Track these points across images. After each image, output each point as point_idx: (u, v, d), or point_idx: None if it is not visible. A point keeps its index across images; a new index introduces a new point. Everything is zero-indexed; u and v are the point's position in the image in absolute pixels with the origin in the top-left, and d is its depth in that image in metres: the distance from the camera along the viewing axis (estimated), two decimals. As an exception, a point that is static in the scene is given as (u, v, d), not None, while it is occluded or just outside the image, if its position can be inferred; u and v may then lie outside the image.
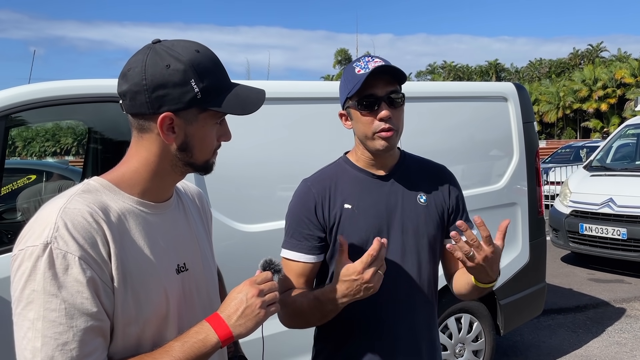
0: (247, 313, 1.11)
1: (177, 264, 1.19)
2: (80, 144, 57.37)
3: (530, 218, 4.00)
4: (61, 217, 1.01)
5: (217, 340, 1.09)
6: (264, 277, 1.18)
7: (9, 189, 4.52)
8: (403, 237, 1.57)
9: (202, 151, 1.16)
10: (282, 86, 3.14)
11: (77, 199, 1.06)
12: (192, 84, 1.08)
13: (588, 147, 14.69)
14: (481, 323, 3.78)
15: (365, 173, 1.61)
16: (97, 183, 1.13)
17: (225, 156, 2.80)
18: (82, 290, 0.98)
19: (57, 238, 0.98)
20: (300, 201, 1.61)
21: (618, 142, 8.39)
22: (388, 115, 1.49)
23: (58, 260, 0.97)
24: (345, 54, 67.93)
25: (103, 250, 1.03)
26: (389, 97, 1.50)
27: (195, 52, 1.11)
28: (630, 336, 4.89)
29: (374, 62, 1.49)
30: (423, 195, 1.62)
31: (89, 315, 0.99)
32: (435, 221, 1.61)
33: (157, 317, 1.11)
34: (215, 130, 1.17)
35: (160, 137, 1.11)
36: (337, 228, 1.56)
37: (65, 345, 0.96)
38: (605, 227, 6.74)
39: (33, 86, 2.52)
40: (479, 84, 4.49)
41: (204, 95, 1.10)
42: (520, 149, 3.95)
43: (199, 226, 1.34)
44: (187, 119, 1.11)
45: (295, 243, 1.58)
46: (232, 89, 1.16)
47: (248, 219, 2.83)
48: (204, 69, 1.10)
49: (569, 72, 64.02)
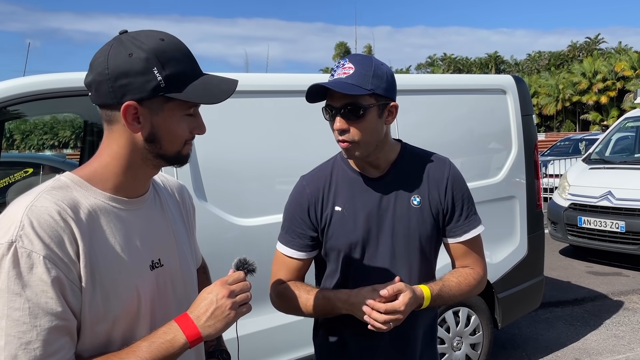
0: (216, 314, 1.09)
1: (152, 260, 1.18)
2: (78, 137, 57.24)
3: (528, 211, 3.99)
4: (27, 215, 0.99)
5: (185, 341, 1.08)
6: (236, 278, 1.15)
7: (5, 182, 4.51)
8: (393, 240, 1.58)
9: (171, 142, 1.13)
10: (280, 79, 3.12)
11: (45, 196, 1.04)
12: (154, 72, 1.06)
13: (587, 139, 14.68)
14: (479, 316, 3.78)
15: (359, 174, 1.61)
16: (67, 179, 1.11)
17: (222, 150, 2.80)
18: (46, 290, 0.97)
19: (22, 237, 0.97)
20: (295, 200, 1.65)
21: (617, 135, 8.38)
22: (341, 127, 1.47)
23: (22, 259, 0.96)
24: (344, 47, 67.91)
25: (70, 249, 1.01)
26: (344, 109, 1.47)
27: (160, 40, 1.09)
28: (627, 329, 4.90)
29: (342, 69, 1.47)
30: (417, 196, 1.60)
31: (53, 314, 0.98)
32: (429, 222, 1.60)
33: (128, 314, 1.11)
34: (185, 122, 1.13)
35: (128, 129, 1.09)
36: (328, 229, 1.59)
37: (29, 344, 0.95)
38: (603, 220, 6.75)
39: (28, 79, 2.50)
40: (478, 77, 4.47)
41: (167, 84, 1.07)
42: (519, 141, 3.94)
43: (177, 221, 1.32)
44: (152, 109, 1.09)
45: (288, 239, 1.63)
46: (199, 78, 1.12)
47: (245, 213, 2.82)
48: (168, 57, 1.08)
49: (568, 65, 63.86)
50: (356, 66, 1.46)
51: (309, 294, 1.56)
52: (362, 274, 1.58)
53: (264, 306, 1.90)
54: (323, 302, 1.54)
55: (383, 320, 1.39)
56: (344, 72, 1.46)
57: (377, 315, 1.39)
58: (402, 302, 1.40)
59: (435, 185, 1.62)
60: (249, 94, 2.84)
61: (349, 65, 1.47)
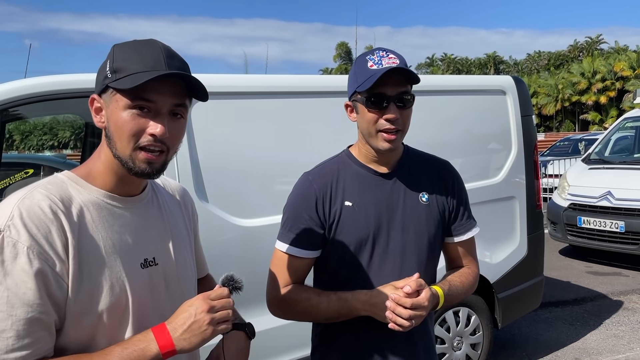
0: (193, 328, 1.07)
1: (145, 258, 1.19)
2: (78, 137, 57.19)
3: (528, 211, 4.00)
4: (18, 207, 1.02)
5: (158, 351, 1.05)
6: (219, 294, 1.12)
7: (6, 183, 4.51)
8: (404, 236, 1.56)
9: (120, 139, 1.09)
10: (280, 80, 3.13)
11: (39, 190, 1.08)
12: (107, 64, 1.12)
13: (586, 139, 14.68)
14: (479, 316, 3.79)
15: (368, 170, 1.58)
16: (64, 176, 1.15)
17: (223, 151, 2.81)
18: (26, 281, 0.99)
19: (10, 227, 1.00)
20: (300, 196, 1.58)
21: (617, 135, 8.38)
22: (395, 117, 1.45)
23: (7, 249, 0.99)
24: (345, 48, 67.95)
25: (58, 241, 1.03)
26: (400, 97, 1.46)
27: (132, 41, 1.15)
28: (627, 329, 4.91)
29: (388, 58, 1.45)
30: (425, 194, 1.60)
31: (30, 305, 0.99)
32: (436, 220, 1.60)
33: (115, 310, 1.11)
34: (131, 116, 1.08)
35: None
36: (337, 225, 1.54)
37: (3, 332, 0.97)
38: (603, 220, 6.75)
39: (30, 81, 2.50)
40: (478, 78, 4.48)
41: (112, 74, 1.10)
42: (519, 142, 3.94)
43: (178, 222, 1.32)
44: (106, 102, 1.12)
45: (292, 237, 1.55)
46: (142, 72, 1.08)
47: (246, 214, 2.82)
48: (123, 53, 1.11)
49: (568, 65, 63.81)
50: (398, 57, 1.47)
51: (321, 296, 1.51)
52: (372, 270, 1.54)
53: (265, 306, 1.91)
54: (339, 304, 1.48)
55: (408, 316, 1.34)
56: (392, 61, 1.45)
57: (402, 311, 1.34)
58: (425, 297, 1.37)
59: (440, 185, 1.63)
60: (250, 95, 2.86)
61: (392, 55, 1.47)
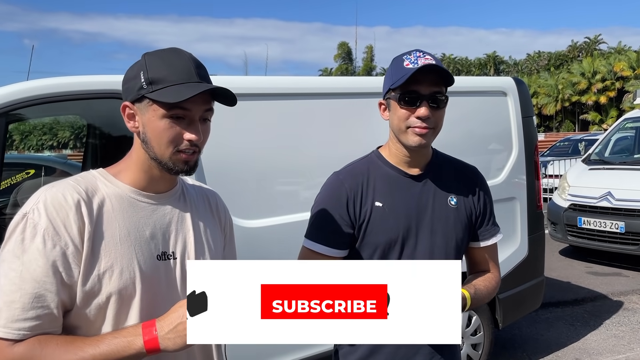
0: (179, 329, 1.08)
1: (164, 251, 1.24)
2: (78, 137, 57.24)
3: (529, 212, 4.01)
4: (45, 194, 1.15)
5: (142, 346, 1.09)
6: None
7: (7, 183, 4.53)
8: (432, 238, 1.57)
9: (158, 144, 1.19)
10: (282, 82, 3.14)
11: (68, 181, 1.20)
12: (141, 75, 1.18)
13: (587, 140, 14.67)
14: (480, 317, 3.80)
15: (398, 171, 1.60)
16: (96, 172, 1.26)
17: (225, 152, 2.82)
18: (38, 259, 1.10)
19: (34, 210, 1.13)
20: (331, 195, 1.59)
21: (617, 135, 8.39)
22: (427, 115, 1.48)
23: (29, 229, 1.11)
24: (346, 47, 68.10)
25: (74, 226, 1.13)
26: (433, 97, 1.49)
27: (161, 50, 1.22)
28: (627, 329, 4.92)
29: (424, 58, 1.49)
30: (454, 197, 1.61)
31: (38, 282, 1.09)
32: (463, 223, 1.62)
33: (123, 296, 1.16)
34: (169, 124, 1.17)
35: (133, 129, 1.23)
36: (367, 225, 1.55)
37: (12, 303, 1.08)
38: (603, 221, 6.76)
39: (33, 83, 2.51)
40: (479, 79, 4.49)
41: (148, 86, 1.17)
42: (520, 143, 3.95)
43: (206, 224, 1.37)
44: (142, 109, 1.20)
45: (321, 235, 1.56)
46: (179, 84, 1.16)
47: (248, 215, 2.83)
48: (156, 63, 1.19)
49: (568, 65, 63.80)
50: (434, 58, 1.50)
51: None
52: None
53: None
54: None
55: None
56: (429, 61, 1.48)
57: None
58: None
59: (468, 189, 1.65)
60: (250, 97, 2.86)
61: (429, 56, 1.50)
